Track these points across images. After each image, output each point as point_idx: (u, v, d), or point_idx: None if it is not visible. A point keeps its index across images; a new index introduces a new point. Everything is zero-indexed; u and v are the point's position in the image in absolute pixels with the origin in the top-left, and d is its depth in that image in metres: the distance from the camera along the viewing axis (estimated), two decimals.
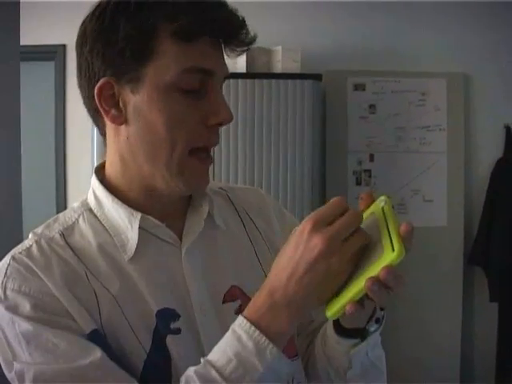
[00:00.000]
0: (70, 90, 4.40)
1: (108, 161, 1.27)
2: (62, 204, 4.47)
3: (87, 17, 1.17)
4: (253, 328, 1.01)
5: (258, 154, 3.66)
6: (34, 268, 1.12)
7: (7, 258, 1.15)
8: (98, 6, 1.15)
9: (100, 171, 1.30)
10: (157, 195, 1.22)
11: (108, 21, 1.12)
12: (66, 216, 1.26)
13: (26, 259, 1.14)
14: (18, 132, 2.87)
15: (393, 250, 0.92)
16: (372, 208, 1.04)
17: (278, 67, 3.76)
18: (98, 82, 1.14)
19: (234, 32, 1.15)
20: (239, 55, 1.21)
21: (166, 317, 1.17)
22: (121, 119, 1.16)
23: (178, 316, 1.18)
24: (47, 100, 4.49)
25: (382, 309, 1.16)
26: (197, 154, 1.17)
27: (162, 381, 1.14)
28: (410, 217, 4.12)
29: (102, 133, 1.25)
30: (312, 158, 3.73)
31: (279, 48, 3.74)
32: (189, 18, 1.09)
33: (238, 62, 3.64)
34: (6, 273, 1.13)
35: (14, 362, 1.08)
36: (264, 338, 1.00)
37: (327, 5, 4.23)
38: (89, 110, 1.23)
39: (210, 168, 1.24)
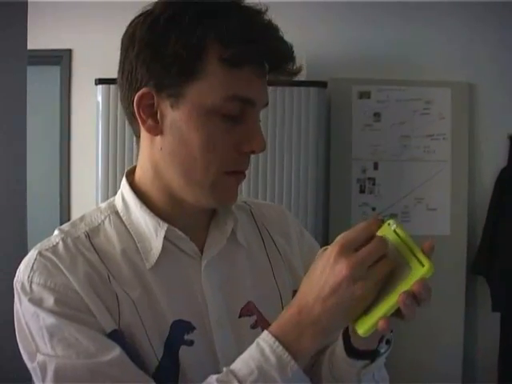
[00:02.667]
0: (75, 94, 4.41)
1: (139, 165, 1.28)
2: (65, 206, 4.47)
3: (138, 19, 1.18)
4: (277, 343, 1.02)
5: (263, 160, 3.67)
6: (60, 265, 1.14)
7: (34, 253, 1.17)
8: (151, 13, 1.16)
9: (130, 175, 1.31)
10: (183, 206, 1.24)
11: (159, 32, 1.12)
12: (93, 217, 1.27)
13: (52, 256, 1.16)
14: (23, 135, 2.88)
15: (422, 265, 0.98)
16: (382, 231, 1.05)
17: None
18: (139, 89, 1.16)
19: (282, 63, 1.17)
20: (281, 84, 1.24)
21: (181, 328, 1.19)
22: (156, 130, 1.18)
23: (193, 328, 1.19)
24: (52, 104, 4.50)
25: (391, 330, 1.18)
26: (230, 174, 1.19)
27: None
28: (413, 225, 4.13)
29: (137, 135, 1.27)
30: (316, 166, 3.74)
31: None
32: (240, 47, 1.09)
33: None
34: (32, 267, 1.14)
35: (37, 354, 1.10)
36: (286, 353, 1.02)
37: (333, 13, 4.24)
38: (125, 111, 1.24)
39: None
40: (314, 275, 1.03)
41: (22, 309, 1.13)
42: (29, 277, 1.13)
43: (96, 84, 3.60)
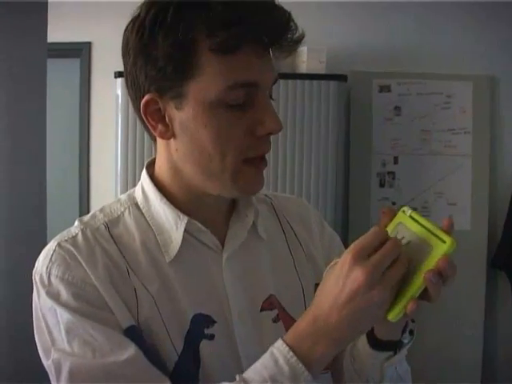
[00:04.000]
0: (94, 87, 4.43)
1: (158, 164, 1.27)
2: (85, 198, 4.49)
3: (128, 24, 1.17)
4: (291, 353, 1.02)
5: (282, 154, 3.66)
6: (79, 257, 1.14)
7: (53, 244, 1.17)
8: (138, 16, 1.14)
9: (150, 167, 1.30)
10: (203, 200, 1.23)
11: (147, 36, 1.11)
12: (112, 208, 1.27)
13: (71, 247, 1.16)
14: (43, 127, 2.89)
15: (443, 242, 0.99)
16: (397, 219, 1.06)
17: (303, 67, 3.76)
18: (143, 96, 1.15)
19: (278, 36, 1.11)
20: (289, 55, 1.18)
21: (201, 322, 1.18)
22: (168, 134, 1.17)
23: (214, 322, 1.19)
24: (72, 97, 4.52)
25: (413, 321, 1.17)
26: (250, 161, 1.17)
27: None
28: (434, 219, 4.08)
29: (153, 138, 1.26)
30: (336, 159, 3.73)
31: (304, 48, 3.74)
32: (226, 32, 1.06)
33: None
34: (51, 258, 1.15)
35: (52, 350, 1.10)
36: (300, 364, 1.01)
37: (352, 5, 4.21)
38: (138, 117, 1.22)
39: None
40: (328, 284, 1.02)
41: (40, 302, 1.14)
42: (47, 268, 1.14)
43: (115, 77, 3.60)
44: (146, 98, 1.14)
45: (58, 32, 3.63)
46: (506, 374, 4.23)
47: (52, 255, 1.15)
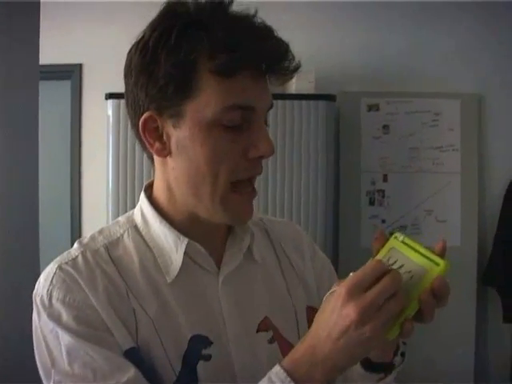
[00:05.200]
0: (85, 108, 4.45)
1: (155, 184, 1.29)
2: (76, 219, 4.50)
3: (132, 46, 1.19)
4: (288, 379, 1.02)
5: (272, 173, 3.68)
6: (79, 280, 1.15)
7: (53, 267, 1.18)
8: (142, 37, 1.17)
9: (148, 189, 1.31)
10: (200, 222, 1.24)
11: (150, 55, 1.13)
12: (112, 230, 1.28)
13: (71, 270, 1.16)
14: (35, 148, 2.90)
15: (437, 264, 1.02)
16: (390, 244, 1.08)
17: (293, 88, 3.78)
18: (142, 114, 1.17)
19: (275, 63, 1.14)
20: (283, 83, 1.22)
21: (199, 343, 1.19)
22: (165, 152, 1.19)
23: (211, 343, 1.20)
24: (63, 118, 4.54)
25: (404, 343, 1.19)
26: (240, 187, 1.18)
27: None
28: (424, 237, 4.12)
29: (150, 158, 1.27)
30: (326, 178, 3.74)
31: None
32: (227, 56, 1.09)
33: None
34: (51, 281, 1.16)
35: (53, 371, 1.11)
36: None
37: (341, 26, 4.26)
38: (137, 138, 1.24)
39: None
40: (324, 315, 1.02)
41: (41, 323, 1.15)
42: (48, 290, 1.14)
43: (106, 98, 3.61)
44: (145, 115, 1.16)
45: (50, 54, 3.66)
46: None
47: (53, 278, 1.16)
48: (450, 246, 3.64)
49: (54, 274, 1.17)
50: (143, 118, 1.17)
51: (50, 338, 1.13)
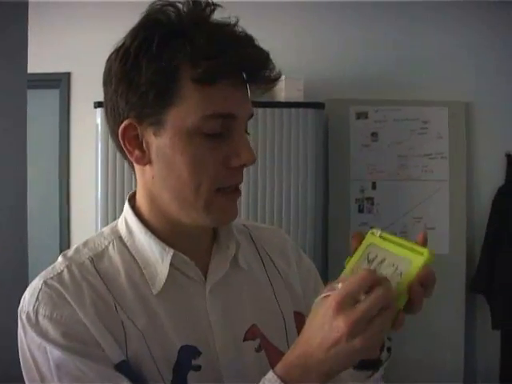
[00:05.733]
0: (74, 117, 4.44)
1: (138, 193, 1.28)
2: (65, 229, 4.49)
3: (112, 53, 1.18)
4: None
5: (262, 181, 3.68)
6: (66, 295, 1.13)
7: (39, 283, 1.16)
8: (123, 44, 1.16)
9: (132, 199, 1.30)
10: (183, 230, 1.23)
11: (131, 62, 1.12)
12: (96, 242, 1.26)
13: (57, 285, 1.15)
14: (24, 157, 2.89)
15: (420, 254, 1.03)
16: (367, 240, 1.10)
17: (282, 96, 3.79)
18: (122, 122, 1.16)
19: (255, 72, 1.14)
20: (265, 92, 1.21)
21: (188, 353, 1.18)
22: (144, 160, 1.18)
23: (199, 353, 1.19)
24: (52, 127, 4.53)
25: (389, 339, 1.19)
26: (223, 191, 1.18)
27: None
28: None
29: (131, 166, 1.26)
30: (315, 186, 3.75)
31: (282, 77, 3.75)
32: (208, 63, 1.08)
33: None
34: (37, 297, 1.14)
35: None
36: None
37: (330, 34, 4.27)
38: (116, 146, 1.23)
39: None
40: (315, 323, 1.02)
41: (27, 339, 1.13)
42: (34, 307, 1.13)
43: (95, 107, 3.62)
44: (125, 123, 1.15)
45: (38, 62, 3.65)
46: None
47: (39, 294, 1.14)
48: (439, 254, 3.68)
49: (40, 289, 1.15)
50: (123, 125, 1.16)
51: (38, 354, 1.11)
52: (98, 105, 3.58)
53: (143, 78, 1.11)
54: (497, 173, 4.24)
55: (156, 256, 1.21)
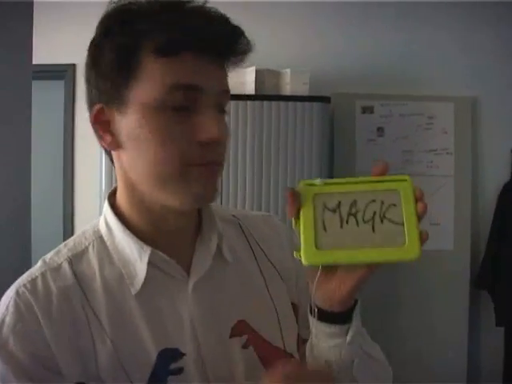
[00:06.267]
0: (79, 108, 4.43)
1: (118, 188, 1.25)
2: (69, 220, 4.50)
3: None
4: None
5: (266, 175, 3.68)
6: (35, 307, 1.11)
7: (12, 291, 1.15)
8: (93, 37, 1.17)
9: (111, 197, 1.28)
10: (165, 226, 1.21)
11: (95, 50, 1.13)
12: (76, 242, 1.24)
13: (28, 295, 1.12)
14: (28, 149, 2.89)
15: (402, 180, 1.05)
16: (308, 194, 1.06)
17: (287, 89, 3.78)
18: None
19: (218, 43, 1.11)
20: (237, 66, 1.17)
21: (167, 357, 1.15)
22: (115, 144, 1.15)
23: (182, 354, 1.16)
24: (57, 118, 4.53)
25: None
26: (196, 166, 1.13)
27: None
28: None
29: (111, 159, 1.24)
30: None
31: (288, 70, 3.76)
32: (167, 33, 1.06)
33: (246, 84, 3.66)
34: (7, 307, 1.12)
35: None
36: None
37: (336, 28, 4.26)
38: (95, 134, 1.21)
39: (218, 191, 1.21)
40: None
41: None
42: (2, 315, 1.11)
43: None
44: (96, 107, 1.14)
45: (42, 54, 3.64)
46: None
47: (9, 303, 1.12)
48: (444, 250, 3.64)
49: (11, 298, 1.13)
50: (94, 111, 1.15)
51: None
52: None
53: (106, 58, 1.10)
54: (502, 169, 4.24)
55: (135, 255, 1.18)
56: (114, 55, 1.09)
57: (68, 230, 4.47)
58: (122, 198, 1.23)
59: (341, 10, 4.26)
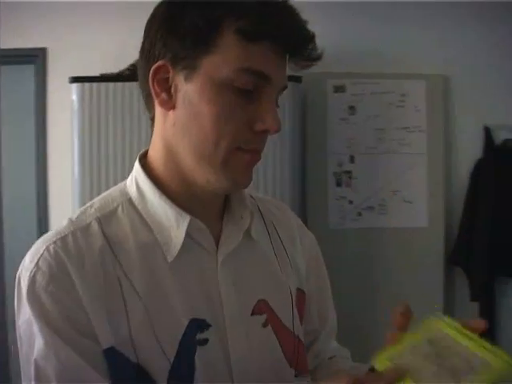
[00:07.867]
0: (50, 93, 4.38)
1: (152, 148, 1.25)
2: (42, 207, 4.42)
3: (160, 3, 1.18)
4: None
5: None
6: (67, 265, 1.09)
7: (41, 247, 1.12)
8: None
9: (143, 159, 1.27)
10: (196, 192, 1.21)
11: (178, 6, 1.12)
12: (103, 203, 1.23)
13: (60, 252, 1.10)
14: None
15: (495, 356, 0.93)
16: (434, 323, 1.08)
17: None
18: (155, 63, 1.15)
19: (298, 44, 1.15)
20: (302, 69, 1.21)
21: (196, 327, 1.16)
22: (170, 104, 1.16)
23: (209, 326, 1.17)
24: (27, 103, 4.47)
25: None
26: (242, 151, 1.16)
27: None
28: (391, 217, 4.14)
29: (152, 117, 1.24)
30: (292, 160, 3.74)
31: None
32: (256, 18, 1.08)
33: None
34: (37, 263, 1.10)
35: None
36: None
37: (306, 7, 4.24)
38: (142, 93, 1.22)
39: None
40: None
41: (21, 308, 1.10)
42: (31, 272, 1.09)
43: (70, 82, 3.57)
44: (159, 63, 1.14)
45: (12, 38, 3.61)
46: None
47: (39, 260, 1.10)
48: (417, 227, 3.67)
49: (41, 255, 1.11)
50: (156, 65, 1.15)
51: (24, 328, 1.09)
52: (73, 80, 3.53)
53: (187, 21, 1.10)
54: (475, 146, 4.25)
55: (171, 221, 1.18)
56: (198, 21, 1.10)
57: (42, 221, 4.35)
58: (157, 162, 1.23)
59: None
